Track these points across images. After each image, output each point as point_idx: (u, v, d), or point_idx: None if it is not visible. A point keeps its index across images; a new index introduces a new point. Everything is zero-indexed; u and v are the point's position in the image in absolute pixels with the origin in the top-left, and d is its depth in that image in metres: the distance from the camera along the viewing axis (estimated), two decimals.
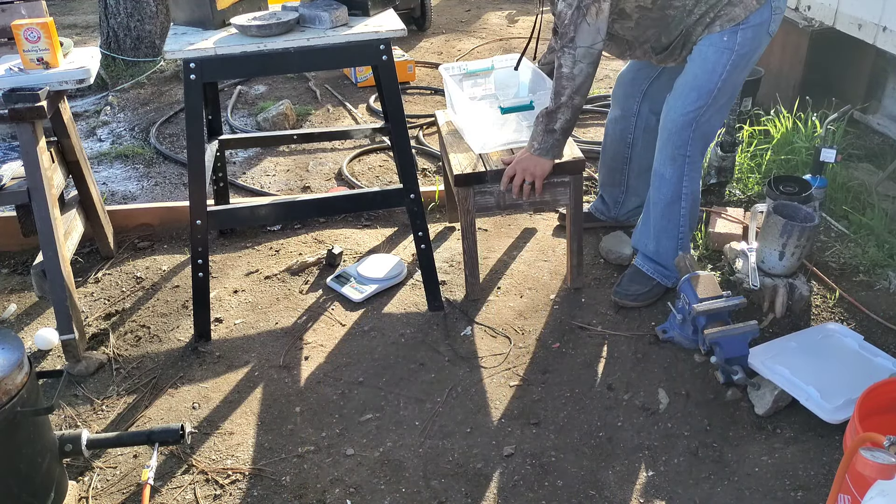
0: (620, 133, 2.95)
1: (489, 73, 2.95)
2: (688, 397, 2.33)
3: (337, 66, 3.31)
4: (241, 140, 3.30)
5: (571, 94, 2.39)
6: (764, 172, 3.41)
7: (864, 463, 1.39)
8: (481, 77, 2.94)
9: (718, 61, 2.41)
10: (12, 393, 1.75)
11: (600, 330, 2.62)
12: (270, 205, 2.66)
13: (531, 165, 2.50)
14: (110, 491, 2.08)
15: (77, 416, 2.33)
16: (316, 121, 4.44)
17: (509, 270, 2.96)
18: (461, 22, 6.26)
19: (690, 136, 2.50)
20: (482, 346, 2.57)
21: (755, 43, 2.43)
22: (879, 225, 3.00)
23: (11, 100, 2.34)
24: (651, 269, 2.71)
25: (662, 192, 2.61)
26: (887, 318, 2.60)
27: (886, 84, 3.84)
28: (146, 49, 5.24)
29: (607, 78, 4.82)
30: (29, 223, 2.60)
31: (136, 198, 3.62)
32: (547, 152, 2.49)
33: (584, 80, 2.38)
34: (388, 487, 2.07)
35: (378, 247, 3.13)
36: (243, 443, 2.22)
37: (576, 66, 2.35)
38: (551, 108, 2.43)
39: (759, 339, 2.41)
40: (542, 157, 2.49)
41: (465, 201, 2.61)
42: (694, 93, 2.46)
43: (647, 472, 2.09)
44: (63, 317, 2.45)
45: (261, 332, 2.67)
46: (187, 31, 2.45)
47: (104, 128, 4.39)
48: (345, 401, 2.36)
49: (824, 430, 2.16)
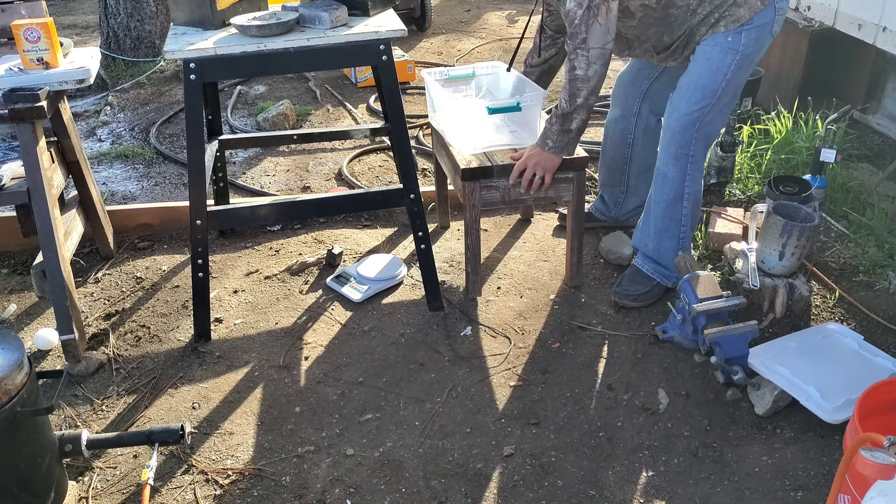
0: (621, 133, 2.95)
1: (470, 80, 2.96)
2: (688, 397, 2.33)
3: (337, 67, 3.32)
4: (241, 140, 3.30)
5: (587, 95, 2.40)
6: (764, 172, 3.41)
7: (864, 463, 1.39)
8: (462, 83, 2.94)
9: (723, 61, 2.41)
10: (12, 393, 1.75)
11: (600, 330, 2.62)
12: (270, 205, 2.66)
13: (543, 161, 2.53)
14: (110, 491, 2.08)
15: (77, 416, 2.33)
16: (316, 121, 4.44)
17: (509, 270, 2.96)
18: (461, 22, 6.26)
19: (694, 135, 2.50)
20: (482, 346, 2.57)
21: (759, 43, 2.43)
22: (879, 225, 3.00)
23: (11, 100, 2.34)
24: (651, 269, 2.71)
25: (665, 191, 2.61)
26: (887, 318, 2.60)
27: (886, 84, 3.84)
28: (146, 49, 5.24)
29: (608, 78, 4.81)
30: (29, 223, 2.60)
31: (136, 198, 3.62)
32: (562, 150, 2.51)
33: (599, 80, 2.40)
34: (388, 487, 2.07)
35: (378, 247, 3.13)
36: (243, 443, 2.22)
37: (590, 67, 2.36)
38: (567, 109, 2.44)
39: (759, 339, 2.41)
40: (556, 154, 2.51)
41: (471, 196, 2.61)
42: (698, 93, 2.46)
43: (647, 472, 2.09)
44: (63, 317, 2.45)
45: (261, 332, 2.67)
46: (187, 31, 2.45)
47: (104, 128, 4.39)
48: (345, 401, 2.36)
49: (824, 430, 2.16)
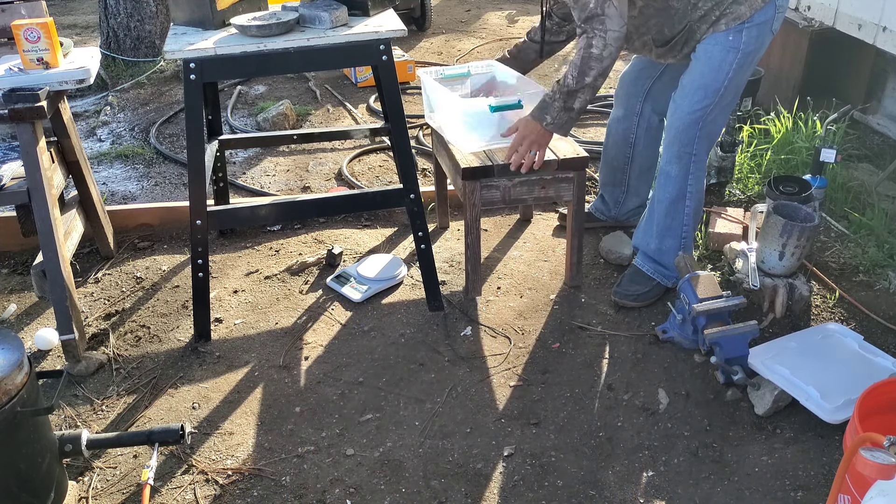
0: (623, 133, 2.95)
1: (465, 79, 2.95)
2: (688, 397, 2.33)
3: (337, 67, 3.32)
4: (241, 140, 3.30)
5: (597, 76, 2.37)
6: (764, 172, 3.41)
7: (864, 463, 1.39)
8: (458, 83, 2.94)
9: (725, 60, 2.41)
10: (12, 393, 1.75)
11: (600, 330, 2.62)
12: (270, 205, 2.66)
13: (539, 138, 2.48)
14: (110, 491, 2.08)
15: (77, 416, 2.33)
16: (316, 121, 4.44)
17: (509, 270, 2.96)
18: (461, 22, 6.26)
19: (697, 134, 2.51)
20: (482, 346, 2.57)
21: (760, 41, 2.43)
22: (879, 225, 3.00)
23: (11, 100, 2.34)
24: (651, 268, 2.71)
25: (668, 190, 2.61)
26: (887, 318, 2.60)
27: (886, 84, 3.84)
28: (146, 49, 5.24)
29: (609, 78, 4.81)
30: (29, 223, 2.60)
31: (136, 198, 3.62)
32: (560, 128, 2.45)
33: (610, 63, 2.37)
34: (388, 487, 2.07)
35: (378, 247, 3.13)
36: (243, 443, 2.22)
37: (606, 48, 2.32)
38: (573, 87, 2.37)
39: (759, 339, 2.41)
40: (554, 132, 2.47)
41: (472, 196, 2.61)
42: (701, 91, 2.46)
43: (647, 472, 2.09)
44: (63, 317, 2.45)
45: (261, 332, 2.67)
46: (187, 31, 2.45)
47: (104, 128, 4.39)
48: (345, 401, 2.36)
49: (824, 430, 2.16)
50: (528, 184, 2.63)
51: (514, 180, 2.61)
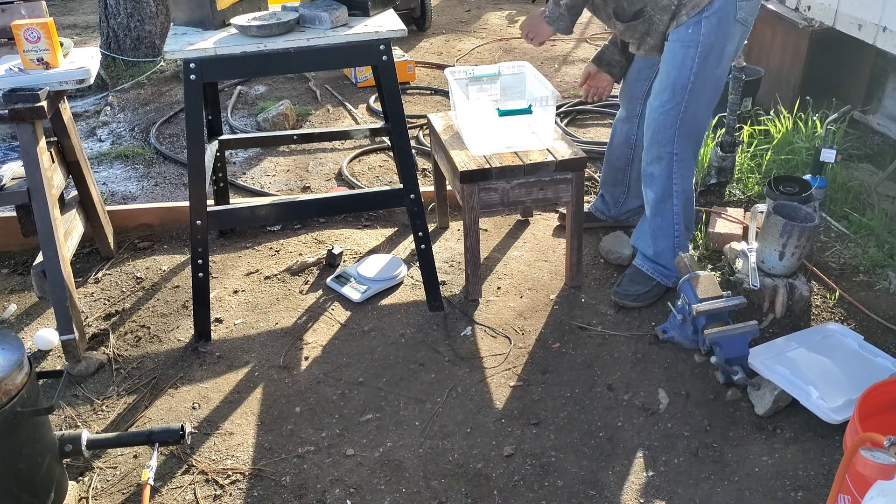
0: (626, 134, 2.97)
1: (495, 79, 2.95)
2: (688, 397, 2.33)
3: (337, 67, 3.32)
4: (241, 140, 3.30)
5: None
6: (764, 172, 3.41)
7: (864, 463, 1.39)
8: (487, 82, 2.94)
9: (686, 56, 2.44)
10: (12, 393, 1.75)
11: (600, 330, 2.62)
12: (270, 205, 2.66)
13: (536, 27, 2.61)
14: (110, 491, 2.08)
15: (77, 416, 2.33)
16: (316, 121, 4.44)
17: (509, 270, 2.96)
18: (461, 22, 6.26)
19: (675, 133, 2.52)
20: (482, 346, 2.57)
21: (722, 32, 2.43)
22: (879, 225, 3.00)
23: (11, 100, 2.34)
24: (651, 268, 2.71)
25: (654, 189, 2.64)
26: (887, 318, 2.60)
27: (886, 84, 3.84)
28: (146, 49, 5.24)
29: None
30: (29, 223, 2.60)
31: (136, 198, 3.62)
32: (553, 22, 2.56)
33: None
34: (388, 487, 2.07)
35: (378, 247, 3.13)
36: (243, 443, 2.22)
37: None
38: None
39: (759, 339, 2.41)
40: (548, 24, 2.57)
41: (470, 198, 2.61)
42: (668, 91, 2.50)
43: (647, 472, 2.09)
44: (63, 317, 2.45)
45: (261, 332, 2.67)
46: (187, 32, 2.45)
47: (104, 128, 4.39)
48: (345, 401, 2.36)
49: (824, 430, 2.16)
50: (526, 185, 2.63)
51: (513, 182, 2.61)
